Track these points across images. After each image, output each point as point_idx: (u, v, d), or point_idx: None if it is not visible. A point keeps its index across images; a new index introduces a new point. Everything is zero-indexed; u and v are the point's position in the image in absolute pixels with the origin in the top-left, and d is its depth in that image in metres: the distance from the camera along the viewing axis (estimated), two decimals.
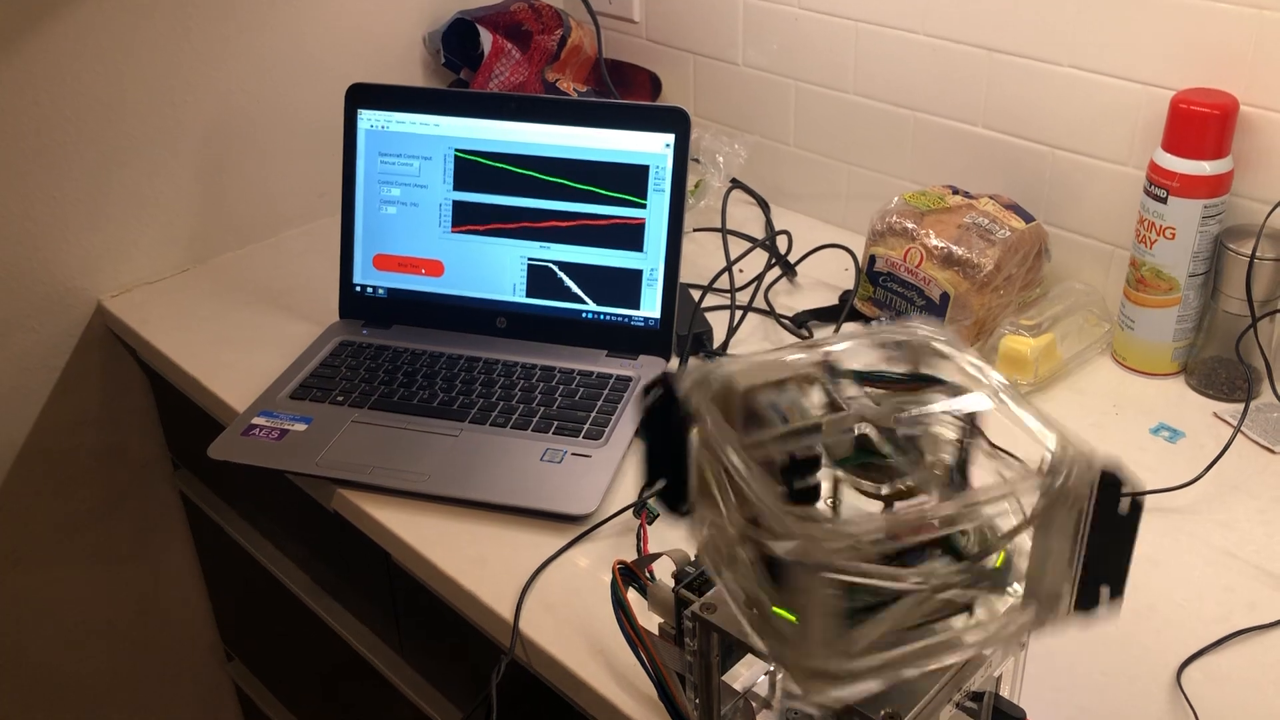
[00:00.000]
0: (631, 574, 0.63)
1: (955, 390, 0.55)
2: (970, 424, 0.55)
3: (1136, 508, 0.49)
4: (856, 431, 0.54)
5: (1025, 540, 0.50)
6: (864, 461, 0.54)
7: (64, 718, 1.34)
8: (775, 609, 0.50)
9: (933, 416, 0.55)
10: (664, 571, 0.62)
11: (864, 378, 0.57)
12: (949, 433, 0.55)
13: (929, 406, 0.54)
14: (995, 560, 0.51)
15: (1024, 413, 0.52)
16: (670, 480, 0.55)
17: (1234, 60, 0.94)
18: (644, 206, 1.01)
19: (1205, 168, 0.93)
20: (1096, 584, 0.50)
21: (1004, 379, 0.55)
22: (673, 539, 0.82)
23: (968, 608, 0.51)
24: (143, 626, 1.38)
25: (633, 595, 0.63)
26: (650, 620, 0.62)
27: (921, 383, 0.56)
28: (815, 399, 0.57)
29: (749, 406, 0.55)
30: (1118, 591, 0.51)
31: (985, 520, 0.51)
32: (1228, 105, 0.92)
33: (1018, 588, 0.51)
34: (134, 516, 1.32)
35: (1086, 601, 0.50)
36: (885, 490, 0.55)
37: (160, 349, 1.11)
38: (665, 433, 0.54)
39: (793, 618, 0.49)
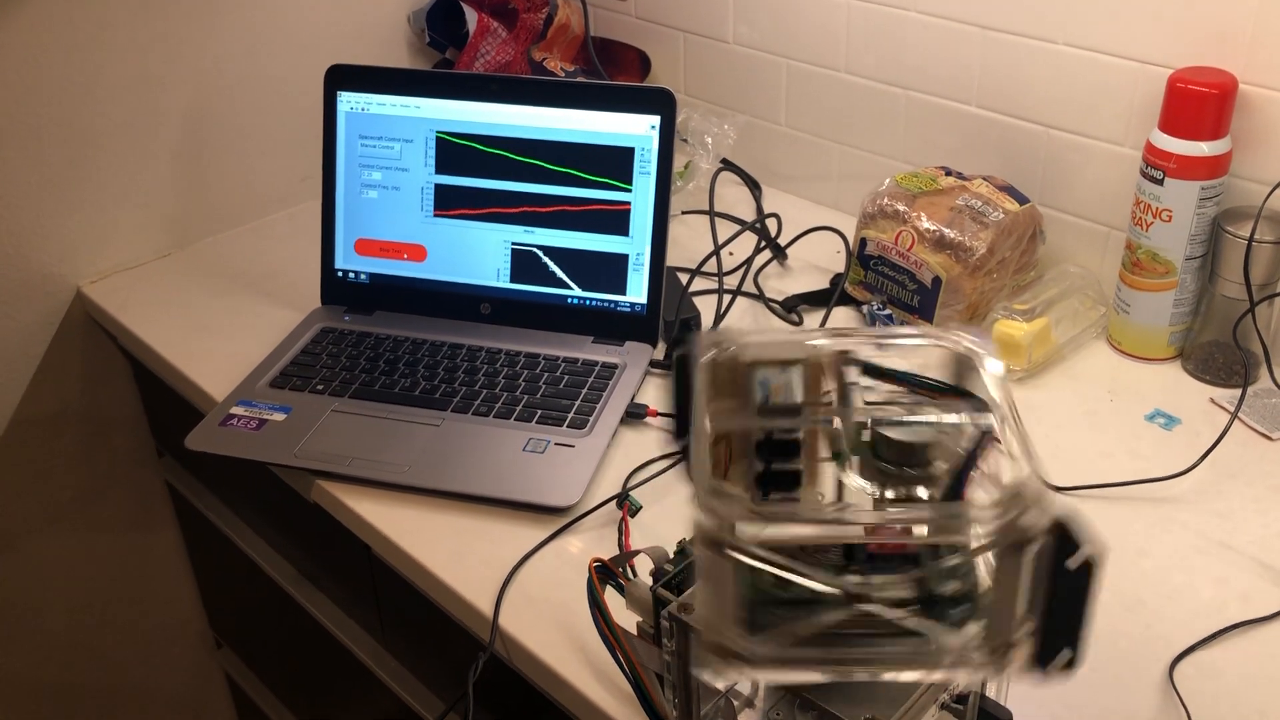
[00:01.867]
0: (608, 572, 0.61)
1: (978, 406, 0.52)
2: (979, 441, 0.52)
3: (1087, 568, 0.45)
4: (868, 428, 0.52)
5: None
6: (870, 459, 0.53)
7: (55, 707, 1.33)
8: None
9: (945, 426, 0.53)
10: (643, 568, 0.60)
11: (891, 375, 0.55)
12: (957, 445, 0.53)
13: (930, 416, 0.52)
14: (946, 590, 0.49)
15: (1012, 439, 0.49)
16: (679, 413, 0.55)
17: (1233, 38, 0.91)
18: (629, 190, 0.99)
19: (1203, 148, 0.91)
20: (1055, 643, 0.47)
21: (1012, 402, 0.52)
22: (656, 531, 0.81)
23: (915, 633, 0.48)
24: (131, 614, 1.37)
25: (611, 593, 0.61)
26: (629, 618, 0.61)
27: (951, 393, 0.54)
28: (825, 387, 0.55)
29: (744, 380, 0.54)
30: (1073, 658, 0.47)
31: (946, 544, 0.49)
32: (1226, 84, 0.90)
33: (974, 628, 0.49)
34: (119, 505, 1.31)
35: (1042, 657, 0.47)
36: (879, 493, 0.53)
37: (140, 336, 1.09)
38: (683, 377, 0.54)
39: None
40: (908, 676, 0.51)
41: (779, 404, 0.53)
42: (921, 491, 0.52)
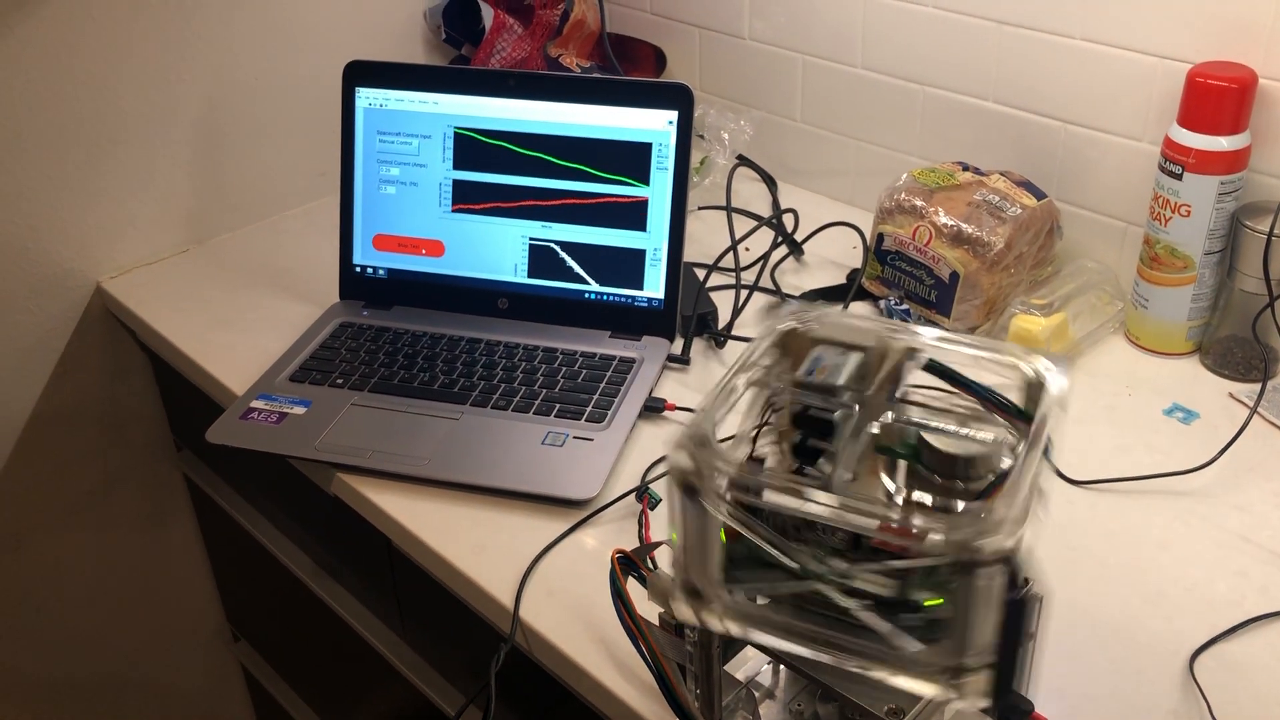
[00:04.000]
0: (631, 563, 0.61)
1: (1018, 427, 0.53)
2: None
3: (1022, 604, 0.46)
4: (910, 427, 0.53)
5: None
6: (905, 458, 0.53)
7: (73, 699, 1.34)
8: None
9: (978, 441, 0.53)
10: (664, 560, 0.61)
11: (952, 378, 0.55)
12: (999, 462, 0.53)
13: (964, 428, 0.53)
14: (917, 597, 0.49)
15: (1026, 465, 0.49)
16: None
17: (1252, 32, 0.91)
18: (647, 185, 0.99)
19: (1222, 143, 0.91)
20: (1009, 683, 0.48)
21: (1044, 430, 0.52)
22: None
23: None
24: (149, 608, 1.38)
25: (633, 584, 0.62)
26: (651, 609, 0.61)
27: (1006, 409, 0.54)
28: (881, 375, 0.55)
29: (805, 353, 0.55)
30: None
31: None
32: (1245, 78, 0.90)
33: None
34: (137, 499, 1.32)
35: (998, 695, 0.48)
36: (905, 493, 0.54)
37: (159, 331, 1.10)
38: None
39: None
40: (864, 670, 0.50)
41: (817, 381, 0.53)
42: (958, 503, 0.53)
